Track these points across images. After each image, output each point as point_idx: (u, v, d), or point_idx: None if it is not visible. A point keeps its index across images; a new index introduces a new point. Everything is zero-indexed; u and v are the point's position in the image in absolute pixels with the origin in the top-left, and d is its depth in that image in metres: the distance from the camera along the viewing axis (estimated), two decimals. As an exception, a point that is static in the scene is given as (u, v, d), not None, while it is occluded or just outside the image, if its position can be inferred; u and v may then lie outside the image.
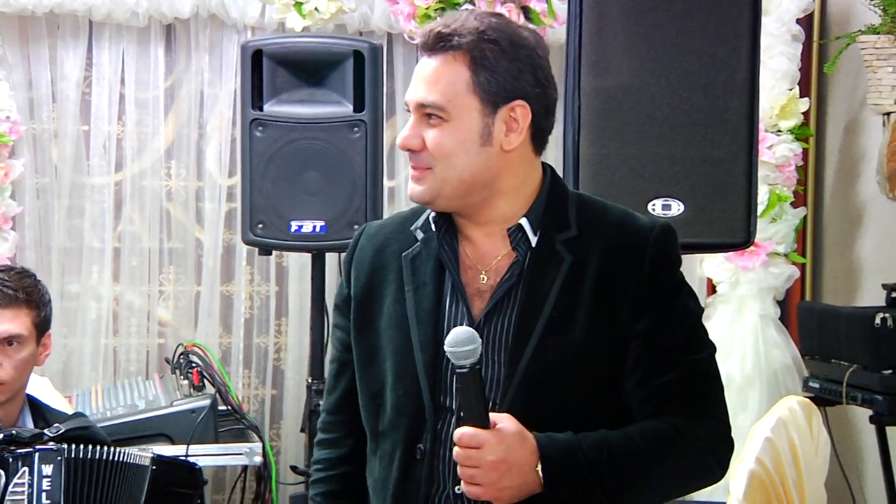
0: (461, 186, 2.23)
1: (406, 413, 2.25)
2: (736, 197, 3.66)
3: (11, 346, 3.18)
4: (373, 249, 2.37)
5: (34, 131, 4.70)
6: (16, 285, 3.21)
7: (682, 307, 2.28)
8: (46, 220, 4.73)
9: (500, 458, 2.11)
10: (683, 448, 2.22)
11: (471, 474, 2.12)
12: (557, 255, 2.23)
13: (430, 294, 2.26)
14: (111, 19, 4.63)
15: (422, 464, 2.24)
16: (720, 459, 2.28)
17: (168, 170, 4.84)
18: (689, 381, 2.26)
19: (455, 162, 2.21)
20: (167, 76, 4.81)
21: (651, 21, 3.64)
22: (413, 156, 2.25)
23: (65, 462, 2.99)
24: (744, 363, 4.60)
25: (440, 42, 2.21)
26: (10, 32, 4.61)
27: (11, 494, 2.95)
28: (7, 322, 3.17)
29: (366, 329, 2.33)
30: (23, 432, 3.05)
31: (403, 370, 2.26)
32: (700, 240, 3.71)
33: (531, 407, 2.19)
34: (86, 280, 4.75)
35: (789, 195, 4.68)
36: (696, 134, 3.65)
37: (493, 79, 2.20)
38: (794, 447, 2.89)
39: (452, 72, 2.21)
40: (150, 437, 3.96)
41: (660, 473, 2.23)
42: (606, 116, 3.65)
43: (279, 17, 4.54)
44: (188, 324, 4.84)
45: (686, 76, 3.64)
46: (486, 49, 2.20)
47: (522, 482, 2.13)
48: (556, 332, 2.20)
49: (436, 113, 2.21)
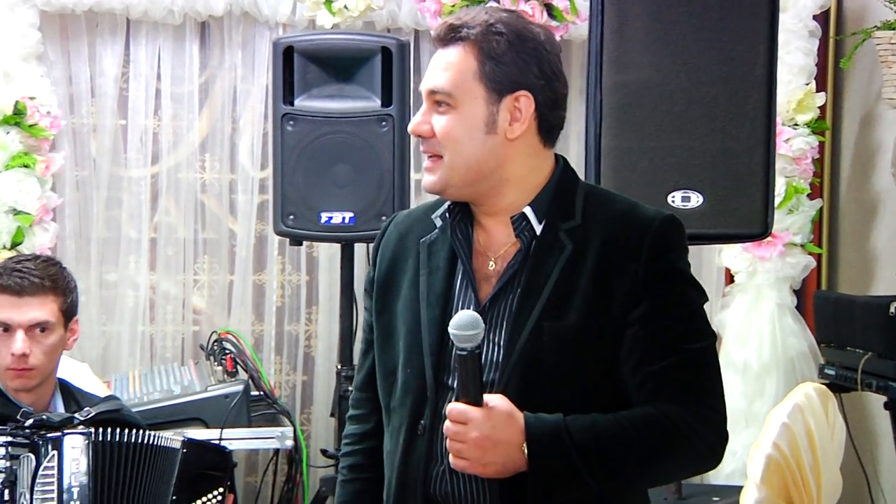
0: (468, 174, 2.26)
1: (412, 390, 2.29)
2: (754, 189, 3.65)
3: (42, 332, 3.19)
4: (397, 236, 2.41)
5: (74, 126, 4.72)
6: (42, 273, 3.21)
7: (680, 296, 2.25)
8: (86, 211, 4.74)
9: (485, 435, 2.13)
10: (673, 435, 2.19)
11: (458, 448, 2.15)
12: (559, 242, 2.24)
13: (442, 278, 2.30)
14: (148, 17, 4.63)
15: (422, 439, 2.27)
16: (711, 448, 2.23)
17: (202, 163, 4.85)
18: (684, 369, 2.23)
19: (461, 149, 2.25)
20: (202, 72, 4.82)
21: (671, 18, 3.63)
22: (424, 142, 2.29)
23: (92, 445, 3.00)
24: (761, 351, 4.59)
25: (451, 33, 2.26)
26: (52, 30, 4.62)
27: (41, 478, 2.96)
28: (35, 309, 3.18)
29: (384, 311, 2.37)
30: (53, 417, 3.05)
31: (412, 349, 2.29)
32: (718, 230, 3.70)
33: (527, 389, 2.20)
34: (123, 269, 4.76)
35: (806, 187, 4.66)
36: (714, 127, 3.64)
37: (498, 68, 2.23)
38: (810, 432, 2.87)
39: (461, 61, 2.25)
40: (186, 422, 3.97)
41: (647, 459, 2.20)
42: (627, 110, 3.65)
43: (310, 14, 4.55)
44: (222, 312, 4.85)
45: (705, 71, 3.63)
46: (493, 40, 2.23)
47: (507, 459, 2.15)
48: (553, 316, 2.21)
49: (444, 100, 2.25)
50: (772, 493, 2.79)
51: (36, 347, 3.17)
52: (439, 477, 2.27)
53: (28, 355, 3.16)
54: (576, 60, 4.96)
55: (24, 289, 3.16)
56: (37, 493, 2.94)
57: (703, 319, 2.29)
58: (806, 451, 2.85)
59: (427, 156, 2.29)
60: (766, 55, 3.64)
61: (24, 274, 3.18)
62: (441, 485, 2.27)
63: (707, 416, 2.22)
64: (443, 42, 2.28)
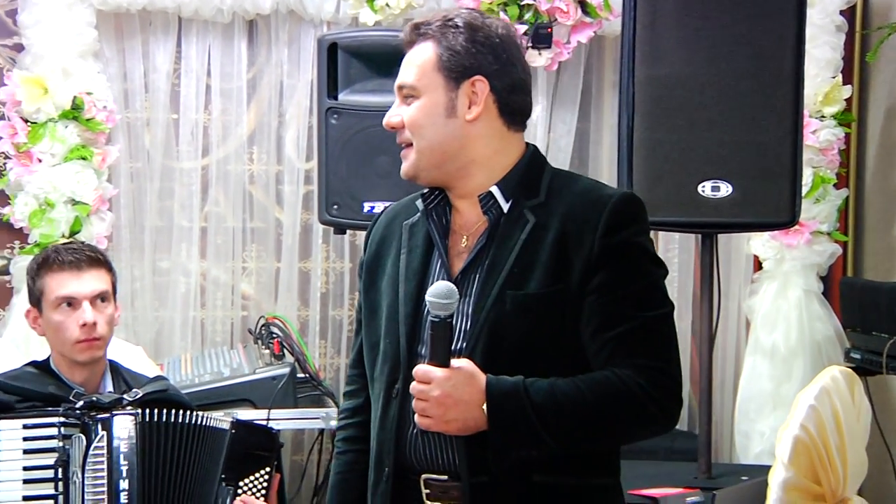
0: (434, 156, 2.36)
1: (389, 358, 2.37)
2: (782, 179, 3.63)
3: (102, 302, 3.23)
4: (386, 221, 2.53)
5: (128, 120, 4.74)
6: (91, 250, 3.30)
7: (636, 267, 2.30)
8: (139, 201, 4.76)
9: (446, 393, 2.20)
10: (626, 396, 2.24)
11: (421, 407, 2.23)
12: (523, 217, 2.32)
13: (419, 256, 2.40)
14: (198, 15, 4.65)
15: (395, 402, 2.35)
16: (663, 410, 2.28)
17: (250, 155, 4.86)
18: (639, 335, 2.28)
19: (425, 133, 2.35)
20: (249, 68, 4.83)
21: (701, 13, 3.62)
22: (398, 134, 2.40)
23: (139, 426, 3.01)
24: (788, 335, 4.57)
25: (414, 32, 2.40)
26: (107, 28, 4.64)
27: (91, 457, 2.98)
28: (95, 281, 3.22)
29: (371, 288, 2.48)
30: (102, 398, 3.08)
31: (392, 321, 2.38)
32: (747, 219, 3.69)
33: (492, 355, 2.26)
34: (175, 257, 4.79)
35: (832, 177, 4.64)
36: (744, 119, 3.62)
37: (454, 58, 2.34)
38: (836, 414, 2.85)
39: (422, 55, 2.37)
40: (235, 402, 4.00)
41: (602, 419, 2.26)
42: (659, 103, 3.64)
43: (353, 12, 4.55)
44: (269, 297, 4.87)
45: (735, 65, 3.61)
46: (450, 34, 2.35)
47: (468, 416, 2.22)
48: (515, 285, 2.28)
49: (410, 93, 2.37)
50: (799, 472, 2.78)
51: (100, 318, 3.21)
52: (411, 441, 2.34)
53: (97, 324, 3.19)
54: (609, 55, 4.94)
55: (82, 262, 3.22)
56: (88, 472, 2.97)
57: (659, 290, 2.33)
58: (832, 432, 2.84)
59: (402, 146, 2.41)
60: (794, 49, 3.62)
61: (76, 251, 3.26)
62: (412, 448, 2.34)
63: (660, 380, 2.26)
64: (409, 43, 2.40)
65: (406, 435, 2.35)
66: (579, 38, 4.60)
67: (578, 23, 4.56)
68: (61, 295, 3.18)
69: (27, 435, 3.00)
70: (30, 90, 4.36)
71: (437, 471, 2.33)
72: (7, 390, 3.11)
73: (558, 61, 4.64)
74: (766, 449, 4.43)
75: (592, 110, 5.00)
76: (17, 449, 2.99)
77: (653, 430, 2.34)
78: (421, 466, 2.34)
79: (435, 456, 2.32)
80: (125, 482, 2.98)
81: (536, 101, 4.85)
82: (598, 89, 5.00)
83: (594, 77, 4.98)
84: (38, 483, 2.99)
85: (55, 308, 3.19)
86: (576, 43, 4.61)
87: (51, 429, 2.99)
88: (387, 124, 2.41)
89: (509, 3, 4.51)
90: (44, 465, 2.98)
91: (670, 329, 2.32)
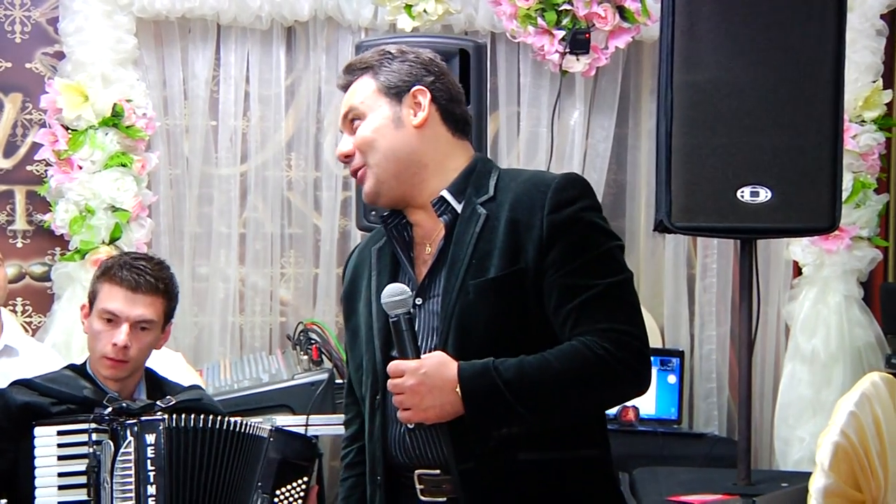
0: (388, 167, 2.44)
1: (369, 372, 2.46)
2: (821, 184, 3.61)
3: (142, 330, 3.19)
4: (358, 252, 2.64)
5: (168, 126, 4.78)
6: (157, 275, 3.21)
7: (586, 239, 2.37)
8: (179, 207, 4.80)
9: (419, 382, 2.27)
10: (592, 360, 2.29)
11: (399, 400, 2.30)
12: (476, 213, 2.41)
13: (388, 273, 2.48)
14: (237, 23, 4.68)
15: (379, 411, 2.43)
16: (631, 370, 2.32)
17: (289, 161, 4.89)
18: (598, 301, 2.33)
19: (378, 146, 2.44)
20: (288, 74, 4.86)
21: (740, 18, 3.60)
22: (350, 164, 2.49)
23: (166, 431, 3.01)
24: (828, 341, 4.55)
25: (349, 71, 2.52)
26: (147, 36, 4.68)
27: (120, 463, 2.99)
28: (144, 307, 3.18)
29: (351, 315, 2.58)
30: (132, 404, 3.07)
31: (369, 338, 2.47)
32: (787, 225, 3.67)
33: (464, 344, 2.33)
34: (214, 263, 4.82)
35: (872, 182, 4.62)
36: (783, 124, 3.60)
37: (391, 77, 2.46)
38: (877, 420, 2.84)
39: (362, 85, 2.48)
40: (274, 408, 4.01)
41: (572, 385, 2.30)
42: (697, 108, 3.63)
43: (390, 18, 4.57)
44: (307, 303, 4.89)
45: (774, 70, 3.60)
46: (384, 60, 2.49)
47: (444, 401, 2.27)
48: (475, 275, 2.36)
49: (356, 116, 2.47)
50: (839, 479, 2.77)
51: (135, 344, 3.17)
52: (398, 440, 2.41)
53: (129, 348, 3.17)
54: (647, 60, 4.94)
55: (139, 286, 3.17)
56: (116, 477, 2.98)
57: (613, 259, 2.39)
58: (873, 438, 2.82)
59: (355, 174, 2.49)
60: (833, 54, 3.60)
61: (140, 272, 3.19)
62: (401, 447, 2.41)
63: (623, 340, 2.31)
64: (345, 86, 2.51)
65: (392, 435, 2.42)
66: (617, 43, 4.60)
67: (616, 28, 4.57)
68: (106, 308, 3.17)
69: (61, 441, 3.02)
70: (70, 98, 4.41)
71: (428, 465, 2.39)
72: (42, 392, 3.13)
73: (596, 67, 4.64)
74: (805, 455, 4.40)
75: (630, 116, 4.99)
76: (52, 455, 3.01)
77: (623, 392, 2.39)
78: (413, 463, 2.40)
79: (424, 451, 2.39)
80: (153, 487, 2.98)
81: (574, 106, 4.86)
82: (637, 95, 4.99)
83: (632, 82, 4.97)
84: (72, 489, 3.01)
85: (99, 317, 3.20)
86: (614, 48, 4.61)
87: (82, 435, 3.01)
88: (340, 155, 2.50)
89: (547, 8, 4.51)
90: (76, 471, 3.00)
91: (631, 294, 2.39)
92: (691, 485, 3.76)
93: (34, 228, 4.68)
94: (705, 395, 4.97)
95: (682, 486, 3.72)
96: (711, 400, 4.97)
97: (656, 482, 3.82)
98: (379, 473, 2.44)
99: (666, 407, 4.71)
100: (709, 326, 4.98)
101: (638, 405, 4.58)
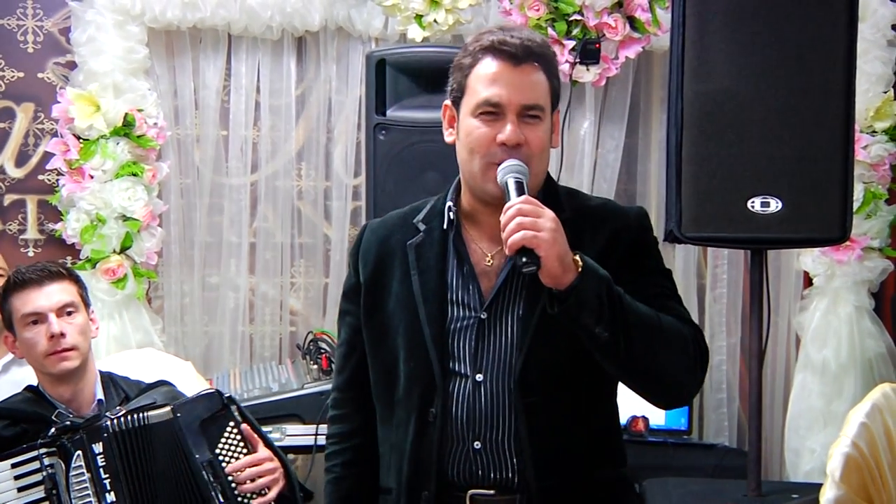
0: (539, 184, 2.43)
1: (418, 381, 2.38)
2: (832, 194, 3.61)
3: (69, 315, 3.25)
4: (377, 241, 2.52)
5: (178, 136, 4.79)
6: (54, 265, 3.32)
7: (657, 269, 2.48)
8: (189, 217, 4.81)
9: (556, 227, 2.21)
10: (681, 330, 2.37)
11: (531, 222, 2.19)
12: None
13: (435, 276, 2.40)
14: (248, 33, 4.69)
15: (434, 426, 2.36)
16: (699, 358, 2.40)
17: (299, 171, 4.90)
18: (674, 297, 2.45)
19: (544, 158, 2.40)
20: (298, 84, 4.87)
21: (751, 28, 3.60)
22: (516, 150, 2.36)
23: (112, 436, 3.03)
24: (839, 352, 4.54)
25: (529, 54, 2.35)
26: (158, 46, 4.69)
27: (74, 478, 3.02)
28: (58, 294, 3.25)
29: (375, 311, 2.47)
30: (76, 419, 3.11)
31: (414, 344, 2.38)
32: (797, 235, 3.66)
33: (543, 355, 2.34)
34: (225, 272, 4.83)
35: (884, 192, 4.61)
36: (793, 135, 3.60)
37: (556, 84, 2.41)
38: (888, 431, 2.83)
39: (540, 80, 2.37)
40: (283, 418, 4.02)
41: (656, 335, 2.32)
42: (708, 119, 3.62)
43: (401, 28, 4.57)
44: (317, 313, 4.89)
45: (784, 80, 3.59)
46: (553, 62, 2.41)
47: (564, 251, 2.21)
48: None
49: (538, 114, 2.36)
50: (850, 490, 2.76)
51: (69, 328, 3.23)
52: (458, 460, 2.37)
53: (65, 335, 3.21)
54: (657, 71, 4.94)
55: (43, 279, 3.25)
56: (73, 493, 3.01)
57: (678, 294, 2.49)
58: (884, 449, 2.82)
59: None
60: (844, 64, 3.60)
61: (39, 269, 3.28)
62: (460, 467, 2.37)
63: (701, 338, 2.42)
64: (519, 60, 2.35)
65: (449, 456, 2.38)
66: (627, 53, 4.60)
67: (626, 38, 4.56)
68: (27, 312, 3.23)
69: (17, 473, 3.04)
70: (82, 107, 4.42)
71: (484, 486, 2.36)
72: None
73: (606, 77, 4.64)
74: (816, 466, 4.39)
75: (640, 126, 4.99)
76: (12, 489, 3.03)
77: (688, 379, 2.41)
78: (467, 483, 2.37)
79: (486, 472, 2.35)
80: (111, 494, 3.00)
81: (584, 116, 4.86)
82: (647, 105, 4.99)
83: (642, 92, 4.97)
84: None
85: (24, 326, 3.24)
86: (624, 58, 4.61)
87: (34, 462, 3.03)
88: (513, 142, 2.35)
89: (557, 18, 4.51)
90: (38, 498, 3.03)
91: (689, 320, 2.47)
92: (701, 496, 3.75)
93: (45, 237, 4.69)
94: (716, 406, 4.96)
95: (693, 497, 3.71)
96: (722, 410, 4.96)
97: (666, 493, 3.81)
98: (428, 488, 2.38)
99: (676, 417, 4.70)
100: (719, 337, 4.97)
101: (648, 415, 4.57)
